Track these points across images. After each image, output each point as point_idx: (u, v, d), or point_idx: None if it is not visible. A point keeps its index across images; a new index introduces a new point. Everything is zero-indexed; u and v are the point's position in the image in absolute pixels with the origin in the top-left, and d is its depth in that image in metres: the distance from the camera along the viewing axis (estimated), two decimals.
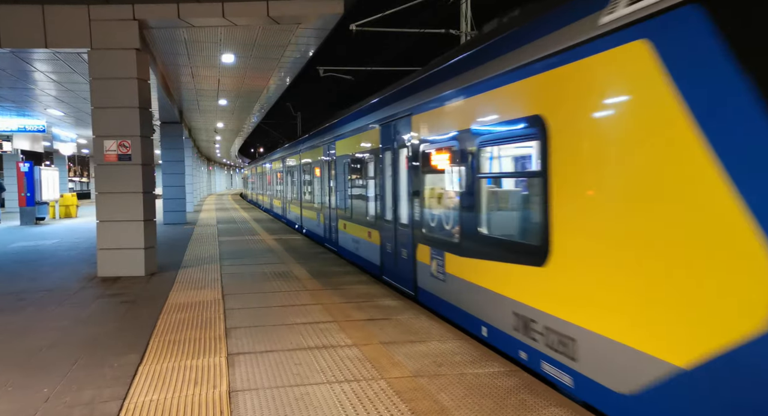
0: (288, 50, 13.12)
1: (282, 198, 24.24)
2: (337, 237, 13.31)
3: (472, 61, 6.15)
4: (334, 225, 13.58)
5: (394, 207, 8.97)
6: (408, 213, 8.35)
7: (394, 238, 8.96)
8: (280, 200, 24.84)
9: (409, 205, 8.26)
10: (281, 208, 24.77)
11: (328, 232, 14.31)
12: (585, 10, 4.24)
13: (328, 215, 14.22)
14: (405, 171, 8.42)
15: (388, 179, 9.24)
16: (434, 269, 7.22)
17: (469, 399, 4.41)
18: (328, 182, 14.00)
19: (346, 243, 12.30)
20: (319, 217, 15.53)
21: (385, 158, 9.31)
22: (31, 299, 8.54)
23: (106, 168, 10.37)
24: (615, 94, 3.86)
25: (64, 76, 14.33)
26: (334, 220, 13.56)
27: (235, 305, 7.80)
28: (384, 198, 9.47)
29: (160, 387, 4.82)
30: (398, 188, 8.83)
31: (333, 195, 13.57)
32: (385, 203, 9.43)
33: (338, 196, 12.96)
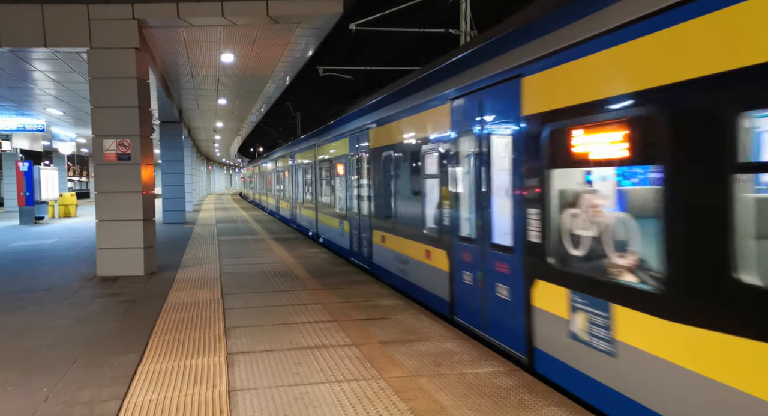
0: (287, 50, 13.12)
1: (291, 200, 21.45)
2: (370, 252, 10.63)
3: None
4: (365, 237, 10.90)
5: (489, 219, 5.85)
6: (522, 227, 5.15)
7: (482, 266, 5.96)
8: (288, 202, 22.18)
9: (531, 216, 5.02)
10: (290, 212, 21.86)
11: (357, 244, 11.66)
12: None
13: (357, 223, 11.54)
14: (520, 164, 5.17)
15: (472, 179, 6.24)
16: (581, 325, 4.33)
17: (469, 399, 4.42)
18: (358, 181, 11.37)
19: (385, 262, 9.59)
20: (343, 225, 12.85)
21: (481, 146, 5.96)
22: (30, 299, 8.54)
23: (106, 168, 10.37)
24: None
25: (64, 76, 14.32)
26: (365, 230, 10.91)
27: (234, 305, 7.80)
28: (469, 206, 6.37)
29: (159, 386, 4.82)
30: (506, 191, 5.52)
31: (365, 198, 10.81)
32: (472, 212, 6.27)
33: (375, 199, 10.20)
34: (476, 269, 6.11)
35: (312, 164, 16.66)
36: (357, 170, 11.35)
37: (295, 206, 20.68)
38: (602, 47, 4.05)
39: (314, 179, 16.45)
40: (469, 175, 6.33)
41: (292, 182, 21.22)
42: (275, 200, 27.48)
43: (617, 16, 3.89)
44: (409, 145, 8.29)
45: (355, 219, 11.72)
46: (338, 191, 13.27)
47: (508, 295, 5.47)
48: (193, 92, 19.02)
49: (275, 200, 27.48)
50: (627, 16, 3.79)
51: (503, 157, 5.56)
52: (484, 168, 5.94)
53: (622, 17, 3.83)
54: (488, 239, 5.83)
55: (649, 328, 3.62)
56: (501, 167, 5.62)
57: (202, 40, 12.26)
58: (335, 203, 13.64)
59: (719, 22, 3.12)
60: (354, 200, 11.73)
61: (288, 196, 22.44)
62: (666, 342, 3.49)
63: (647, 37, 3.62)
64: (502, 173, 5.56)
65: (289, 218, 22.24)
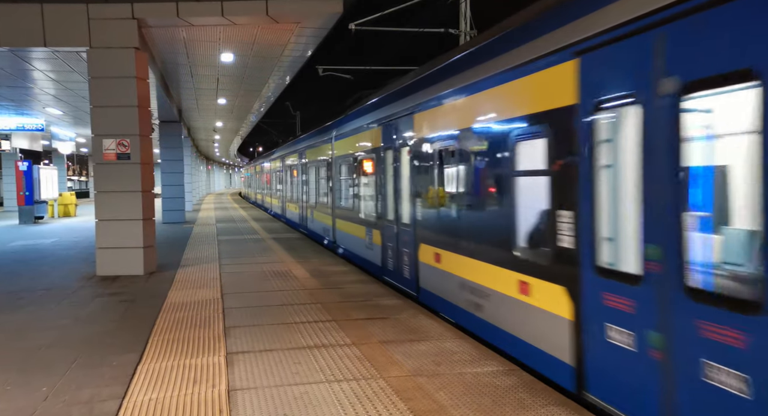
0: (287, 49, 13.12)
1: (301, 203, 18.98)
2: (415, 274, 8.17)
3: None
4: (409, 252, 8.49)
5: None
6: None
7: (674, 320, 3.55)
8: (297, 204, 19.65)
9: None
10: (299, 215, 19.45)
11: (396, 259, 9.07)
12: None
13: (394, 233, 9.07)
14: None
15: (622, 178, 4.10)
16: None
17: (468, 398, 4.42)
18: (394, 180, 9.05)
19: (446, 289, 7.09)
20: (371, 235, 10.38)
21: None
22: (30, 298, 8.54)
23: (105, 167, 10.36)
24: None
25: (63, 75, 14.31)
26: (408, 243, 8.49)
27: (234, 304, 7.80)
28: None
29: (159, 385, 4.82)
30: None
31: (409, 201, 8.47)
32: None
33: (424, 203, 7.81)
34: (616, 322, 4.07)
35: (328, 160, 14.29)
36: (394, 167, 9.02)
37: (305, 210, 18.13)
38: None
39: (330, 178, 13.97)
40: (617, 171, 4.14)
41: (301, 182, 18.80)
42: (281, 202, 24.51)
43: None
44: (490, 131, 5.85)
45: (390, 228, 9.26)
46: (365, 192, 10.93)
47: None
48: (192, 92, 19.02)
49: (281, 201, 24.49)
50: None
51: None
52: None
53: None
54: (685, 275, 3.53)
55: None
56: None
57: (201, 39, 12.26)
58: (361, 207, 11.16)
59: None
60: (390, 204, 9.34)
61: (297, 198, 19.87)
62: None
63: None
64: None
65: (298, 223, 19.76)
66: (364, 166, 10.88)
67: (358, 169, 11.35)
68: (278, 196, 25.79)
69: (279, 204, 25.61)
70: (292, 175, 20.81)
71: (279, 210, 25.64)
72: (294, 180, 20.48)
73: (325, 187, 14.71)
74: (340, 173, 12.93)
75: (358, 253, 11.57)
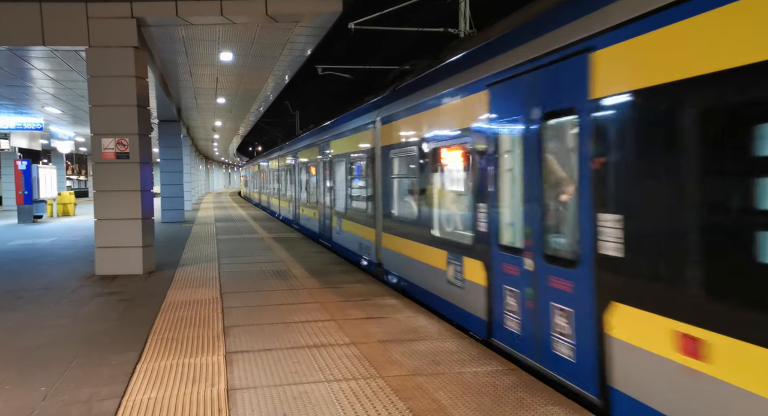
0: (286, 49, 13.11)
1: (321, 208, 15.62)
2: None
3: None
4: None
5: None
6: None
7: None
8: (316, 210, 16.34)
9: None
10: (319, 224, 15.92)
11: (528, 326, 5.44)
12: None
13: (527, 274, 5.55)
14: None
15: None
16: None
17: (467, 398, 4.42)
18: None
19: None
20: (460, 266, 6.73)
21: None
22: (28, 297, 8.53)
23: (104, 166, 10.35)
24: None
25: (62, 74, 14.30)
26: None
27: (233, 304, 7.80)
28: None
29: (158, 385, 4.81)
30: None
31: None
32: None
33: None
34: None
35: (368, 153, 10.57)
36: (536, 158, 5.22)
37: (328, 216, 14.79)
38: None
39: (372, 176, 10.33)
40: None
41: (322, 182, 15.34)
42: (293, 206, 20.78)
43: None
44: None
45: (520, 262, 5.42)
46: (445, 199, 7.33)
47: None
48: (191, 91, 19.00)
49: (293, 205, 20.76)
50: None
51: None
52: None
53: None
54: None
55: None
56: None
57: (200, 38, 12.25)
58: (433, 218, 7.48)
59: None
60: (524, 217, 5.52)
61: (315, 201, 16.43)
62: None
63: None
64: None
65: (318, 232, 15.99)
66: (440, 159, 7.33)
67: (429, 163, 7.60)
68: (289, 198, 21.84)
69: (290, 208, 21.67)
70: (309, 173, 17.11)
71: (291, 215, 21.52)
72: (312, 180, 16.85)
73: (364, 189, 10.96)
74: (391, 170, 9.34)
75: (431, 288, 7.59)
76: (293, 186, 20.75)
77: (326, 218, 14.95)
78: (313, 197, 16.79)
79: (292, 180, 20.92)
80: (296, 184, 20.03)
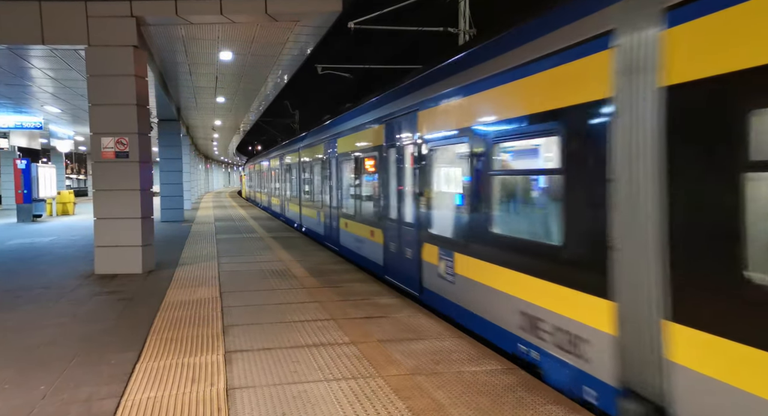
0: (286, 48, 13.11)
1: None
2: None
3: None
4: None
5: None
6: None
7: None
8: (319, 210, 14.59)
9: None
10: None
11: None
12: None
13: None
14: None
15: None
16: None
17: (467, 397, 4.42)
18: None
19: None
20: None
21: None
22: (28, 297, 8.53)
23: (104, 165, 10.35)
24: None
25: (62, 73, 14.29)
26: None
27: (232, 303, 7.80)
28: None
29: (157, 384, 4.81)
30: None
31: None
32: None
33: None
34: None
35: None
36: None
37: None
38: None
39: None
40: None
41: (341, 184, 12.66)
42: (312, 210, 16.58)
43: None
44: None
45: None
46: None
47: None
48: (191, 90, 18.99)
49: (312, 209, 16.57)
50: None
51: None
52: None
53: None
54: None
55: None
56: None
57: (200, 37, 12.24)
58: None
59: None
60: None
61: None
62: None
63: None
64: None
65: (347, 247, 12.29)
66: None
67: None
68: (304, 201, 18.03)
69: (310, 213, 17.05)
70: (332, 172, 13.57)
71: (312, 222, 16.73)
72: (332, 180, 13.51)
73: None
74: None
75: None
76: (311, 188, 16.16)
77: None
78: (334, 201, 12.91)
79: (311, 181, 16.14)
80: (313, 185, 15.52)
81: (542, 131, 5.09)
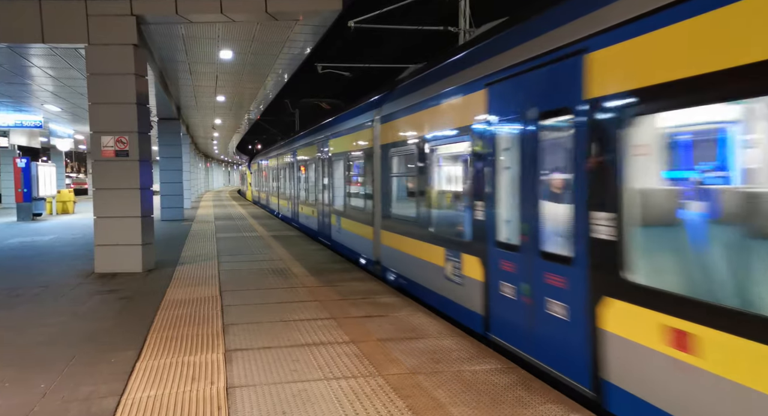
0: (286, 47, 13.11)
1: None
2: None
3: None
4: None
5: None
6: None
7: None
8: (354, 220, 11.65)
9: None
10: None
11: None
12: None
13: None
14: None
15: None
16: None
17: (467, 396, 4.42)
18: None
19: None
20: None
21: None
22: (28, 295, 8.53)
23: (104, 164, 10.35)
24: None
25: (61, 72, 14.29)
26: None
27: (232, 302, 7.80)
28: None
29: (157, 383, 4.82)
30: None
31: None
32: None
33: None
34: None
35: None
36: None
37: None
38: None
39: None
40: None
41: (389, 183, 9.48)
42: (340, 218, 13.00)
43: None
44: None
45: None
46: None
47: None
48: (191, 89, 18.99)
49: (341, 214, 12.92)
50: None
51: None
52: None
53: None
54: None
55: None
56: None
57: (200, 36, 12.24)
58: None
59: None
60: None
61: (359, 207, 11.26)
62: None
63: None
64: None
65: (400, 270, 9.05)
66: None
67: None
68: (318, 203, 15.04)
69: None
70: (350, 172, 11.83)
71: (342, 237, 12.88)
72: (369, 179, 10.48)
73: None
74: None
75: None
76: (341, 189, 12.84)
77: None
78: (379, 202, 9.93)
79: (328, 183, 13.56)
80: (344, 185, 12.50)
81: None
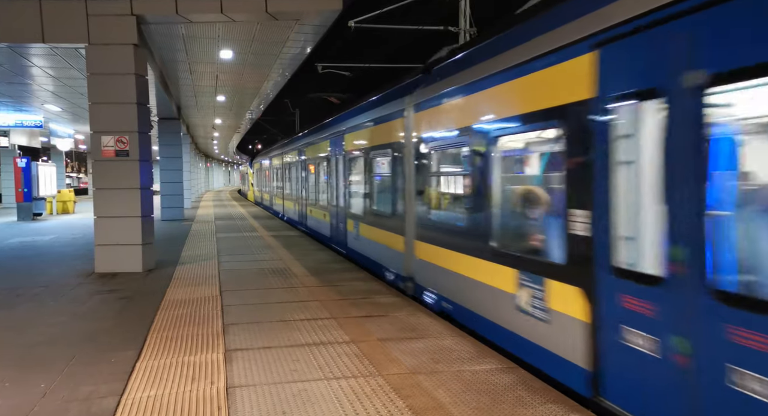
0: (286, 46, 13.11)
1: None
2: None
3: None
4: None
5: None
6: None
7: None
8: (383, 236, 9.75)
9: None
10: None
11: None
12: None
13: None
14: None
15: None
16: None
17: (466, 396, 4.42)
18: None
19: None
20: None
21: None
22: (28, 295, 8.53)
23: (104, 164, 10.35)
24: None
25: (62, 72, 14.29)
26: None
27: (232, 302, 7.80)
28: None
29: (157, 383, 4.82)
30: None
31: None
32: None
33: None
34: None
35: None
36: None
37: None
38: None
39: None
40: None
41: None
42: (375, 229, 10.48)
43: None
44: None
45: None
46: None
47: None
48: (191, 89, 18.99)
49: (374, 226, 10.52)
50: None
51: None
52: None
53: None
54: None
55: None
56: None
57: (200, 36, 12.23)
58: None
59: None
60: None
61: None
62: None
63: None
64: None
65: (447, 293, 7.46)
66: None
67: None
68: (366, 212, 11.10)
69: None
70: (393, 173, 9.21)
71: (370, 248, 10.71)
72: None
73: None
74: None
75: None
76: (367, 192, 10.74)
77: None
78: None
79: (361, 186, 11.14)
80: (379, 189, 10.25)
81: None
